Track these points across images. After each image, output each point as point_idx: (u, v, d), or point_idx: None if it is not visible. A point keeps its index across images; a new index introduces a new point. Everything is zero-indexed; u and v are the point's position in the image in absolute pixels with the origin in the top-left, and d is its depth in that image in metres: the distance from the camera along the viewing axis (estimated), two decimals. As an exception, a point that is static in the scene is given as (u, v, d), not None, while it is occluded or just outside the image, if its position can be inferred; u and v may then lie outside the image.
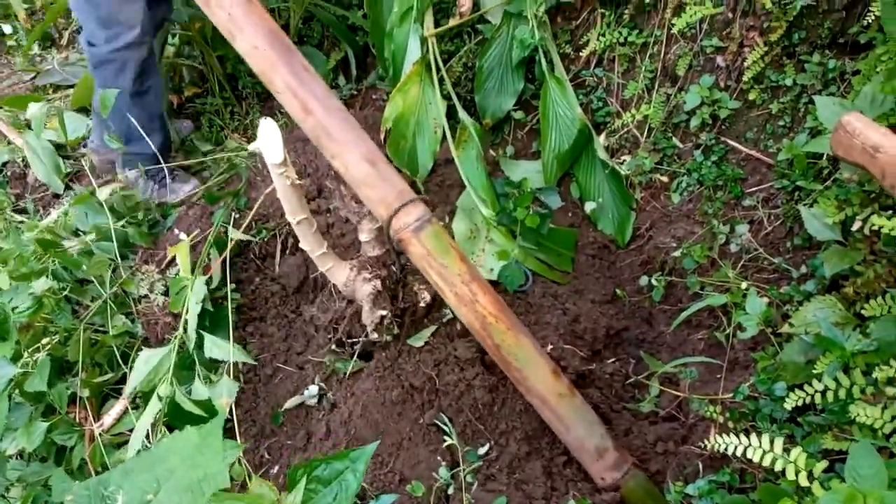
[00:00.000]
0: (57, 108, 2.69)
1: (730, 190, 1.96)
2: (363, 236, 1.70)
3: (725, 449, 1.16)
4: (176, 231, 2.20)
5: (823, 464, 1.05)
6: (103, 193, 2.29)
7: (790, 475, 1.04)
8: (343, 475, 1.04)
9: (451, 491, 1.57)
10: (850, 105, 1.47)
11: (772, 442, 1.10)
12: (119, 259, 2.14)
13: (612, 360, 1.92)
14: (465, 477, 1.57)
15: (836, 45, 1.83)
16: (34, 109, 2.27)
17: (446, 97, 2.35)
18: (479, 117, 2.44)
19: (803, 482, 1.03)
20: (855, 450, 0.94)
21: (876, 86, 1.39)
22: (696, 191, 2.06)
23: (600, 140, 2.28)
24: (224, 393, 1.70)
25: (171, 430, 1.69)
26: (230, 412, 1.86)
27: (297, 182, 1.47)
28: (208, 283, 1.85)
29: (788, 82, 1.86)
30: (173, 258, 2.11)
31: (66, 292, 1.99)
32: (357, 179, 1.47)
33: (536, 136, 2.42)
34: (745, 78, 1.93)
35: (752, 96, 1.95)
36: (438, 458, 1.61)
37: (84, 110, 2.85)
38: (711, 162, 2.02)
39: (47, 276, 1.98)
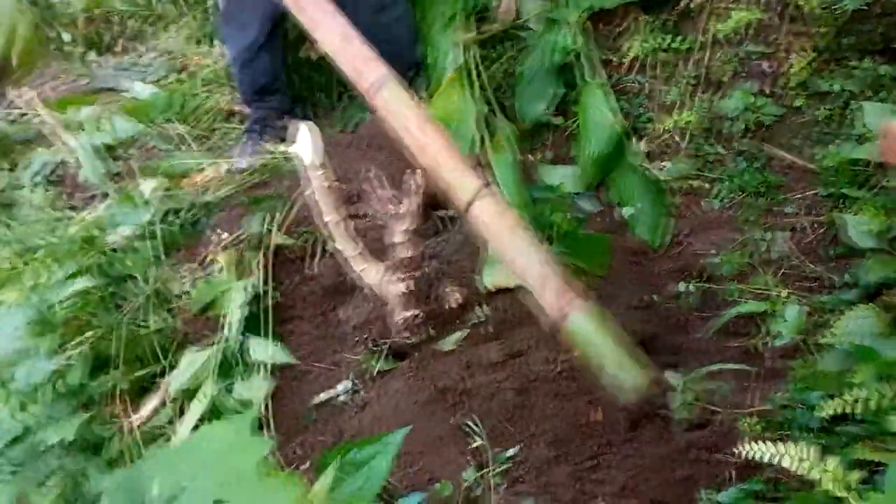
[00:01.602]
0: (108, 110, 2.78)
1: (771, 197, 1.93)
2: (396, 238, 1.72)
3: (758, 457, 1.13)
4: (218, 230, 2.25)
5: (860, 474, 1.02)
6: (147, 190, 2.36)
7: (825, 485, 1.02)
8: (374, 459, 1.05)
9: (478, 492, 1.57)
10: (898, 109, 1.43)
11: (805, 451, 1.07)
12: (161, 256, 2.20)
13: (646, 367, 1.89)
14: (492, 478, 1.57)
15: (888, 51, 1.79)
16: (86, 112, 2.35)
17: (485, 102, 2.36)
18: (517, 122, 2.45)
19: (839, 493, 1.00)
20: (894, 461, 0.91)
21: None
22: (737, 198, 2.02)
23: (640, 146, 2.26)
24: (260, 386, 1.74)
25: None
26: (265, 409, 1.89)
27: (334, 184, 1.49)
28: (250, 287, 1.89)
29: (836, 88, 1.83)
30: (211, 256, 2.16)
31: (109, 289, 2.05)
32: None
33: (574, 142, 2.42)
34: (790, 84, 1.91)
35: (797, 103, 1.92)
36: (467, 458, 1.61)
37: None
38: (753, 168, 1.99)
39: (91, 273, 2.05)
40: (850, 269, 1.63)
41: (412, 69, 2.48)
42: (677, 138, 2.17)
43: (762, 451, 1.11)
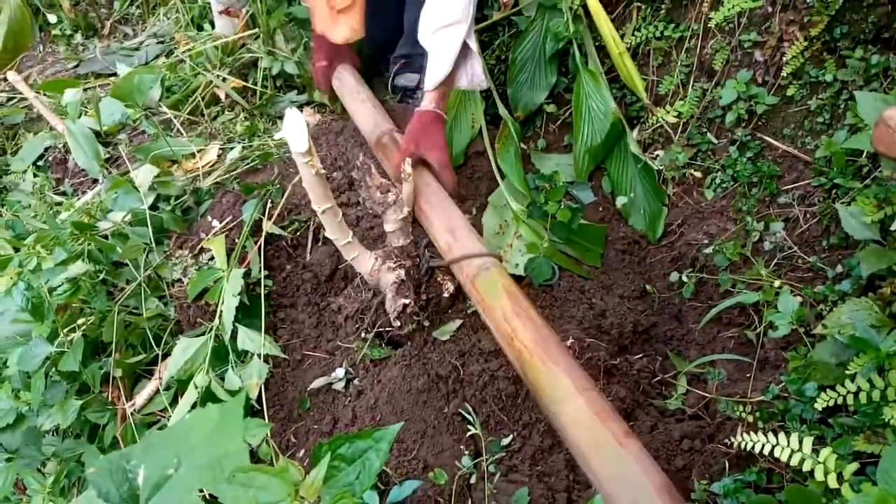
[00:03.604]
0: (95, 95, 2.74)
1: (765, 187, 1.93)
2: (388, 226, 1.71)
3: (752, 448, 1.14)
4: (209, 218, 2.23)
5: (854, 465, 1.03)
6: (139, 177, 2.33)
7: (819, 476, 1.02)
8: (366, 454, 1.05)
9: (473, 480, 1.57)
10: (894, 100, 1.43)
11: (801, 441, 1.08)
12: (153, 243, 2.18)
13: (640, 355, 1.89)
14: (487, 467, 1.58)
15: (880, 40, 1.78)
16: (70, 95, 2.32)
17: (485, 91, 2.34)
18: (511, 110, 2.43)
19: (833, 484, 1.01)
20: (888, 453, 0.92)
21: (920, 81, 1.36)
22: (731, 187, 2.02)
23: (633, 134, 2.26)
24: (254, 374, 1.73)
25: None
26: (259, 396, 1.89)
27: (322, 171, 1.48)
28: (245, 275, 1.88)
29: (829, 78, 1.82)
30: (204, 244, 2.14)
31: (102, 275, 2.03)
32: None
33: (568, 130, 2.41)
34: (783, 73, 1.90)
35: (790, 92, 1.91)
36: (462, 447, 1.62)
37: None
38: (747, 158, 1.99)
39: (84, 259, 2.03)
40: (845, 259, 1.64)
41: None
42: (670, 128, 2.16)
43: (756, 441, 1.12)
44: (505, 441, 1.62)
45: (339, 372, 1.83)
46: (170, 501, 0.66)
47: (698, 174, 2.09)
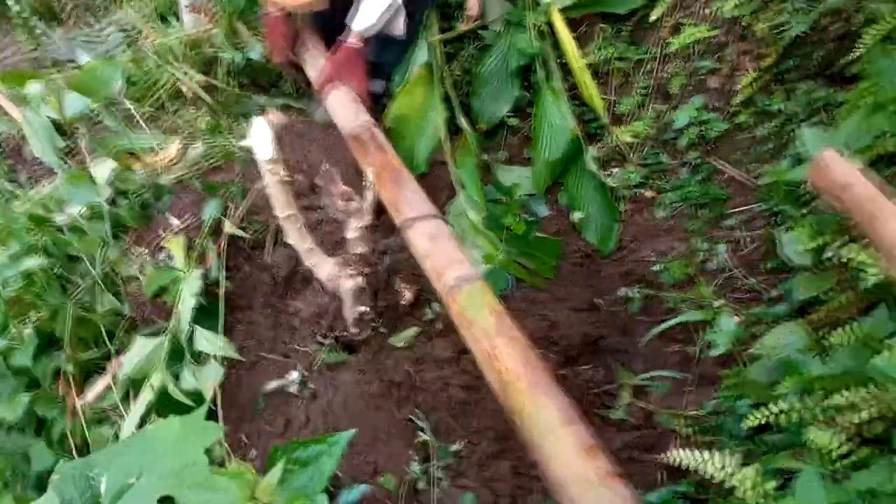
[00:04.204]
0: (56, 84, 2.70)
1: (712, 209, 2.01)
2: (350, 234, 1.74)
3: (684, 463, 1.21)
4: (168, 216, 2.22)
5: (773, 483, 1.10)
6: (97, 171, 2.32)
7: (743, 492, 1.10)
8: (320, 458, 1.08)
9: (421, 486, 1.61)
10: (836, 135, 1.52)
11: (726, 459, 1.15)
12: (110, 239, 2.17)
13: (587, 366, 1.96)
14: (435, 472, 1.62)
15: (825, 76, 1.88)
16: (34, 88, 2.29)
17: (448, 101, 2.39)
18: (474, 121, 2.49)
19: (756, 500, 1.08)
20: (804, 473, 1.00)
21: (859, 119, 1.44)
22: (680, 208, 2.11)
23: (591, 151, 2.33)
24: (211, 376, 1.74)
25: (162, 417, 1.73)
26: (214, 396, 1.90)
27: (286, 179, 1.51)
28: (204, 276, 1.89)
29: (776, 108, 1.92)
30: (163, 242, 2.14)
31: (56, 270, 2.02)
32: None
33: (530, 143, 2.47)
34: (735, 101, 1.99)
35: (740, 119, 2.00)
36: (412, 452, 1.66)
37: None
38: (697, 181, 2.07)
39: (38, 254, 2.01)
40: (783, 282, 1.73)
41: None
42: (626, 147, 2.24)
43: (688, 458, 1.19)
44: (453, 447, 1.67)
45: (294, 375, 1.85)
46: (132, 505, 0.69)
47: (651, 193, 2.17)
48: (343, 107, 2.11)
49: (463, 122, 2.36)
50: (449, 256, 1.54)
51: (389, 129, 2.34)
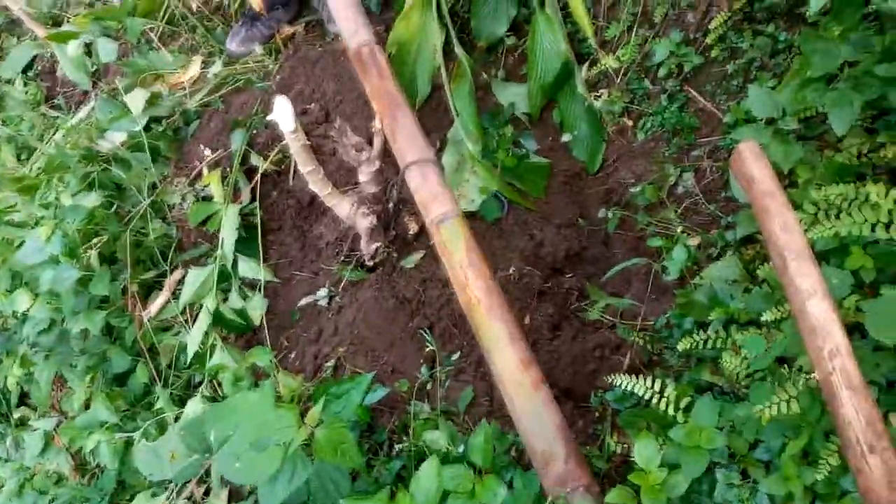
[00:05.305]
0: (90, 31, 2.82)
1: (685, 136, 2.25)
2: (362, 177, 2.02)
3: (624, 386, 1.58)
4: (200, 145, 2.50)
5: (687, 401, 1.47)
6: (132, 102, 2.56)
7: (662, 407, 1.47)
8: (350, 392, 1.48)
9: (429, 387, 2.02)
10: (780, 97, 1.74)
11: (653, 381, 1.51)
12: (152, 168, 2.47)
13: (570, 275, 2.31)
14: (440, 374, 2.02)
15: (791, 16, 2.04)
16: (73, 48, 2.48)
17: (444, 27, 2.54)
18: (474, 40, 2.65)
19: (671, 412, 1.46)
20: (700, 400, 1.36)
21: (794, 88, 1.66)
22: (658, 132, 2.34)
23: (581, 74, 2.51)
24: (257, 307, 2.12)
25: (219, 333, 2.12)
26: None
27: (307, 143, 1.77)
28: (240, 210, 2.20)
29: (745, 46, 2.09)
30: (200, 171, 2.44)
31: (113, 205, 2.34)
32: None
33: (526, 60, 2.64)
34: (710, 38, 2.15)
35: (714, 53, 2.18)
36: (421, 360, 2.06)
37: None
38: (674, 108, 2.29)
39: (94, 189, 2.33)
40: (734, 214, 2.01)
41: None
42: (613, 72, 2.43)
43: (626, 381, 1.56)
44: (454, 357, 2.06)
45: (323, 292, 2.22)
46: (232, 450, 1.07)
47: (632, 118, 2.39)
48: (344, 16, 2.19)
49: (457, 47, 2.52)
50: (433, 191, 1.80)
51: (391, 56, 2.52)
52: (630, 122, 2.43)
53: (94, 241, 2.39)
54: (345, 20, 2.19)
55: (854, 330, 1.36)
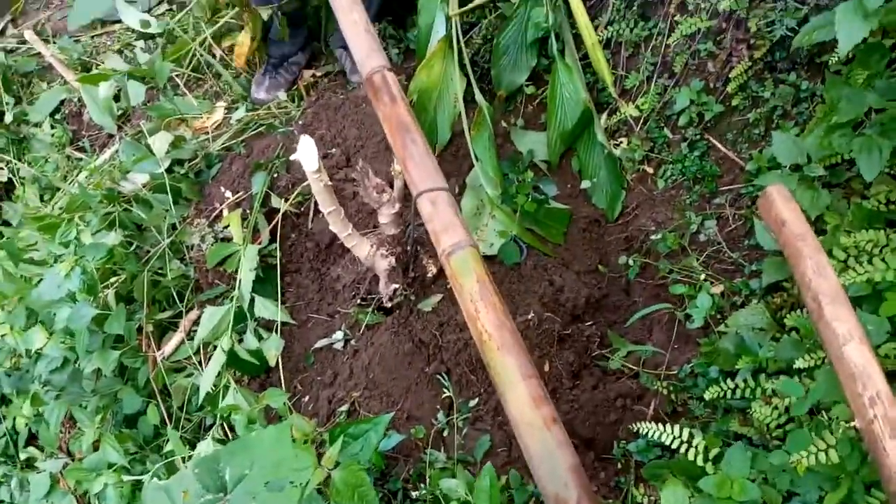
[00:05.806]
0: (121, 79, 2.88)
1: (706, 184, 2.24)
2: (382, 219, 2.02)
3: (651, 434, 1.52)
4: (221, 187, 2.52)
5: (717, 450, 1.42)
6: (156, 144, 2.60)
7: (690, 456, 1.42)
8: (367, 434, 1.44)
9: (445, 433, 1.97)
10: (804, 144, 1.73)
11: (681, 430, 1.46)
12: (173, 209, 2.48)
13: (590, 323, 2.27)
14: (457, 421, 1.97)
15: (812, 66, 2.05)
16: (104, 90, 2.54)
17: (465, 74, 2.58)
18: (494, 89, 2.68)
19: (699, 462, 1.40)
20: (731, 449, 1.31)
21: (820, 134, 1.65)
22: (679, 180, 2.33)
23: (601, 121, 2.53)
24: (272, 347, 2.09)
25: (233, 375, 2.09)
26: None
27: (329, 184, 1.77)
28: (259, 250, 2.20)
29: (766, 95, 2.10)
30: (220, 212, 2.45)
31: (132, 244, 2.35)
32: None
33: (545, 109, 2.67)
34: (730, 87, 2.16)
35: (735, 102, 2.19)
36: (437, 406, 2.01)
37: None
38: (695, 156, 2.28)
39: (114, 228, 2.33)
40: (758, 261, 1.98)
41: None
42: (632, 120, 2.44)
43: (653, 429, 1.50)
44: (472, 403, 2.01)
45: (339, 335, 2.19)
46: (247, 490, 1.03)
47: (652, 166, 2.39)
48: (356, 43, 2.09)
49: (477, 95, 2.55)
50: (444, 221, 1.72)
51: (412, 103, 2.56)
52: (650, 170, 2.43)
53: (112, 280, 2.39)
54: (357, 47, 2.12)
55: (893, 377, 1.31)
